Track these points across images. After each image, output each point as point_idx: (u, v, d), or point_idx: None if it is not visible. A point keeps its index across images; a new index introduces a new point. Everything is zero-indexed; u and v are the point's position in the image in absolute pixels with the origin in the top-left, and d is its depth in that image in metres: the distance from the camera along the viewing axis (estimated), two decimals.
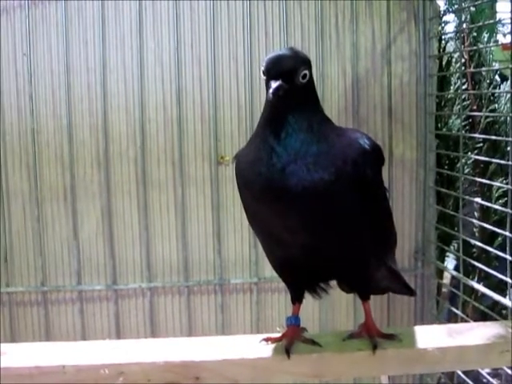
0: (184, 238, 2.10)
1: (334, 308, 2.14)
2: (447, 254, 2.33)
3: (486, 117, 2.22)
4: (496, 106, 2.28)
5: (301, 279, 1.30)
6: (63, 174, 2.08)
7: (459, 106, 2.12)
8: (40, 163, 2.07)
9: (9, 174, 2.08)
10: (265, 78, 1.15)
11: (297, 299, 1.33)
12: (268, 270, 1.30)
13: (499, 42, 2.34)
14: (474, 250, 2.23)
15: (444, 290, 2.30)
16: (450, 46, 2.29)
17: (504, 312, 1.98)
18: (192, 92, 2.07)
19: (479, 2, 2.15)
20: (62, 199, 2.08)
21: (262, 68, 1.16)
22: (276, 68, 1.14)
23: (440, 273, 2.19)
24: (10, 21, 2.04)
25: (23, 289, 2.10)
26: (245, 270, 2.13)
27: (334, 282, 1.35)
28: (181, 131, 2.07)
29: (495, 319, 1.84)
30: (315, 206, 1.13)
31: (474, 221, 2.14)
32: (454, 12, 2.21)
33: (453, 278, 2.23)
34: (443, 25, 2.27)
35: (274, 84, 1.11)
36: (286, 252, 1.24)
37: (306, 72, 1.17)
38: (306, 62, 1.18)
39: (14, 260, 2.10)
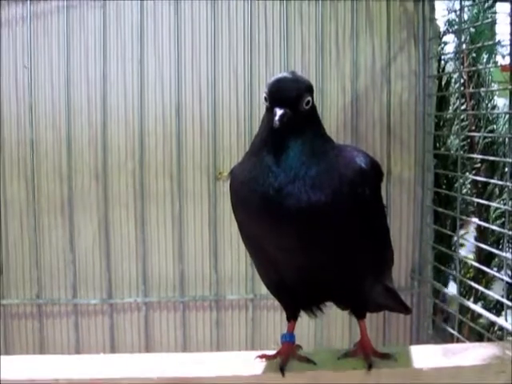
0: (180, 253, 2.10)
1: (329, 326, 2.13)
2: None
3: (485, 137, 2.22)
4: (494, 126, 2.28)
5: (296, 300, 1.30)
6: (61, 185, 2.08)
7: (458, 126, 2.13)
8: (38, 174, 2.07)
9: (6, 184, 2.08)
10: (267, 103, 1.15)
11: (292, 317, 1.33)
12: (264, 287, 1.29)
13: (498, 63, 2.34)
14: (471, 270, 2.23)
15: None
16: (450, 67, 2.29)
17: (500, 333, 1.97)
18: (191, 106, 2.08)
19: (479, 23, 2.17)
20: (59, 211, 2.08)
21: (264, 93, 1.15)
22: (280, 95, 1.13)
23: (436, 292, 2.19)
24: (11, 33, 2.05)
25: (18, 301, 2.10)
26: (241, 286, 2.13)
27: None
28: (180, 145, 2.07)
29: (491, 340, 1.83)
30: (312, 228, 1.12)
31: (472, 241, 2.14)
32: (453, 33, 2.22)
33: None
34: (443, 45, 2.28)
35: (279, 111, 1.11)
36: (280, 273, 1.23)
37: (310, 98, 1.17)
38: (309, 89, 1.18)
39: (10, 272, 2.09)
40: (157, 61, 2.06)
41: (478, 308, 1.95)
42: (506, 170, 1.79)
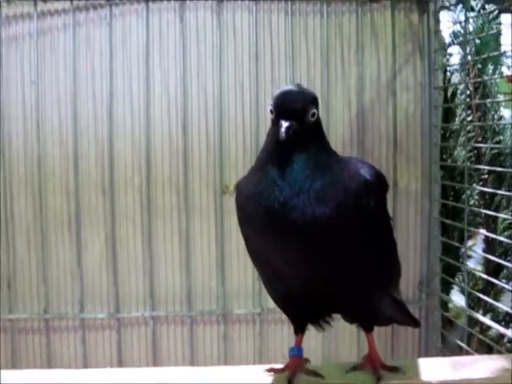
0: (188, 268, 2.11)
1: (337, 339, 2.13)
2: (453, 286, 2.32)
3: (491, 148, 2.22)
4: (501, 137, 2.28)
5: (303, 313, 1.30)
6: (68, 201, 2.09)
7: (464, 138, 2.13)
8: (45, 190, 2.08)
9: (14, 200, 2.10)
10: (273, 115, 1.16)
11: (299, 331, 1.33)
12: (271, 301, 1.30)
13: (504, 74, 2.35)
14: (480, 282, 2.23)
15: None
16: (455, 78, 2.30)
17: (509, 345, 1.97)
18: (198, 121, 2.10)
19: (484, 34, 2.18)
20: (66, 227, 2.10)
21: (270, 106, 1.16)
22: (286, 107, 1.14)
23: (445, 305, 2.18)
24: (18, 49, 2.08)
25: (26, 316, 2.11)
26: (248, 300, 2.14)
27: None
28: (186, 160, 2.09)
29: (501, 352, 1.83)
30: (317, 241, 1.13)
31: (480, 252, 2.14)
32: (458, 44, 2.23)
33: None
34: (448, 57, 2.29)
35: (285, 124, 1.11)
36: (286, 287, 1.23)
37: (315, 111, 1.17)
38: (314, 101, 1.19)
39: (17, 287, 2.11)
40: (163, 77, 2.08)
41: (486, 320, 1.95)
42: None
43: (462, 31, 2.11)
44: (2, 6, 2.05)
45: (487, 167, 2.18)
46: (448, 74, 2.28)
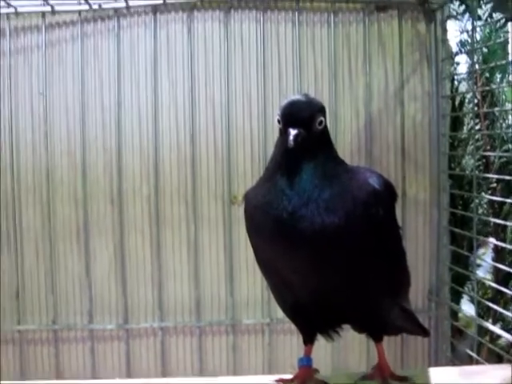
0: (196, 278, 2.12)
1: (346, 349, 2.13)
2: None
3: (500, 157, 2.22)
4: (510, 146, 2.28)
5: (312, 323, 1.30)
6: (76, 211, 2.10)
7: (473, 146, 2.14)
8: (53, 200, 2.10)
9: (22, 210, 2.11)
10: (280, 125, 1.17)
11: (309, 341, 1.33)
12: (280, 311, 1.30)
13: None
14: (489, 291, 2.22)
15: None
16: (463, 87, 2.31)
17: None
18: (206, 131, 2.11)
19: (491, 43, 2.18)
20: (74, 237, 2.11)
21: (278, 116, 1.17)
22: (293, 115, 1.15)
23: (454, 314, 2.18)
24: (27, 61, 2.10)
25: (34, 327, 2.12)
26: (257, 310, 2.14)
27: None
28: (194, 170, 2.10)
29: (511, 361, 1.83)
30: (326, 250, 1.13)
31: (489, 261, 2.14)
32: (466, 53, 2.24)
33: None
34: (456, 65, 2.30)
35: (293, 131, 1.12)
36: (295, 296, 1.24)
37: (322, 119, 1.18)
38: (321, 109, 1.19)
39: (26, 297, 2.12)
40: (170, 87, 2.10)
41: (496, 329, 1.94)
42: None
43: (470, 40, 2.11)
44: (10, 18, 2.07)
45: (496, 176, 2.18)
46: (456, 82, 2.29)
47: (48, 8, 2.05)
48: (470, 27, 2.06)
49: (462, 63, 2.30)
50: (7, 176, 2.09)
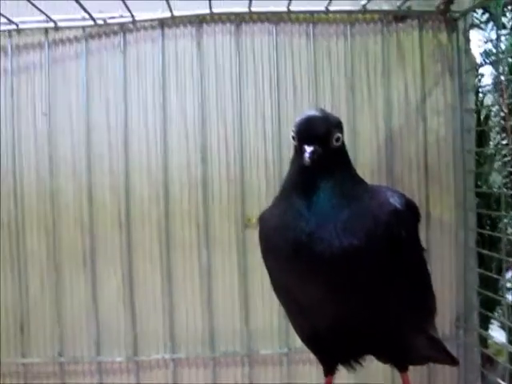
0: (209, 306, 2.13)
1: (369, 379, 2.13)
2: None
3: None
4: None
5: (332, 353, 1.31)
6: (82, 237, 2.13)
7: (500, 162, 2.14)
8: (58, 226, 2.13)
9: (26, 236, 2.14)
10: (295, 141, 1.19)
11: (329, 372, 1.34)
12: (299, 340, 1.31)
13: None
14: None
15: None
16: (488, 99, 2.33)
17: None
18: (217, 151, 2.14)
19: None
20: (81, 264, 2.14)
21: (292, 132, 1.19)
22: (309, 132, 1.17)
23: (484, 341, 2.18)
24: (29, 79, 2.15)
25: (39, 360, 2.14)
26: (274, 339, 2.15)
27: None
28: (206, 192, 2.12)
29: None
30: (345, 274, 1.15)
31: None
32: (490, 63, 2.26)
33: None
34: (480, 77, 2.32)
35: (309, 148, 1.15)
36: (314, 324, 1.26)
37: (339, 135, 1.21)
38: (338, 125, 1.22)
39: (30, 329, 2.15)
40: (180, 105, 2.14)
41: None
42: None
43: (494, 50, 2.13)
44: (12, 35, 2.11)
45: None
46: (480, 95, 2.31)
47: (51, 24, 2.10)
48: (494, 36, 2.08)
49: (487, 74, 2.33)
50: (10, 200, 2.12)
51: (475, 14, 2.24)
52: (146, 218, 2.14)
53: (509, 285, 2.17)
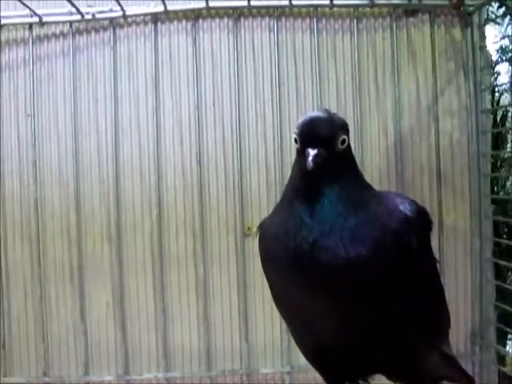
0: (206, 321, 2.13)
1: None
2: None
3: None
4: None
5: (338, 371, 1.30)
6: (69, 249, 2.12)
7: None
8: (44, 237, 2.12)
9: (8, 249, 2.13)
10: (298, 144, 1.18)
11: None
12: (302, 358, 1.30)
13: None
14: None
15: None
16: (505, 99, 2.32)
17: None
18: (215, 155, 2.13)
19: None
20: (67, 278, 2.13)
21: (295, 134, 1.18)
22: (313, 134, 1.16)
23: (501, 358, 2.17)
24: (12, 78, 2.14)
25: (23, 380, 2.13)
26: (276, 357, 2.15)
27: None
28: (202, 199, 2.11)
29: None
30: (351, 286, 1.14)
31: None
32: (507, 61, 2.25)
33: None
34: (496, 75, 2.31)
35: (312, 152, 1.14)
36: (318, 339, 1.25)
37: (345, 137, 1.20)
38: (344, 126, 1.21)
39: (13, 347, 2.14)
40: (174, 106, 2.13)
41: None
42: None
43: (511, 46, 2.12)
44: None
45: None
46: (496, 94, 2.31)
47: (36, 19, 2.08)
48: (510, 32, 2.07)
49: (503, 72, 2.33)
50: None
51: (491, 8, 2.24)
52: (138, 228, 2.13)
53: None
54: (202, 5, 2.09)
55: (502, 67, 2.32)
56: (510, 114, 2.27)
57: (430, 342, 1.33)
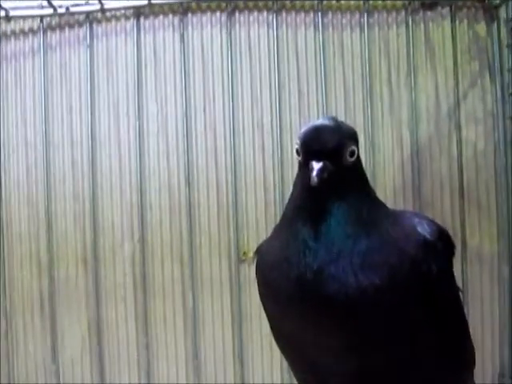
0: (196, 360, 2.12)
1: None
2: None
3: None
4: None
5: None
6: (39, 276, 2.12)
7: None
8: (10, 262, 2.11)
9: None
10: (300, 157, 1.18)
11: None
12: None
13: None
14: None
15: None
16: None
17: None
18: (205, 170, 2.12)
19: None
20: (37, 309, 2.12)
21: (297, 145, 1.18)
22: (317, 145, 1.16)
23: None
24: None
25: None
26: None
27: None
28: (191, 220, 2.11)
29: None
30: (364, 320, 1.14)
31: None
32: None
33: None
34: None
35: (317, 165, 1.14)
36: (324, 381, 1.24)
37: (354, 148, 1.20)
38: (352, 136, 1.21)
39: None
40: (160, 113, 2.12)
41: None
42: None
43: None
44: None
45: None
46: None
47: (1, 13, 2.08)
48: None
49: None
50: None
51: None
52: (118, 252, 2.12)
53: None
54: None
55: None
56: None
57: (453, 382, 1.33)
